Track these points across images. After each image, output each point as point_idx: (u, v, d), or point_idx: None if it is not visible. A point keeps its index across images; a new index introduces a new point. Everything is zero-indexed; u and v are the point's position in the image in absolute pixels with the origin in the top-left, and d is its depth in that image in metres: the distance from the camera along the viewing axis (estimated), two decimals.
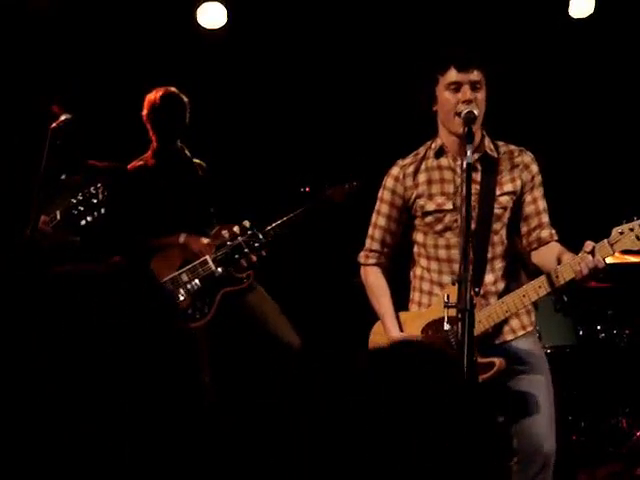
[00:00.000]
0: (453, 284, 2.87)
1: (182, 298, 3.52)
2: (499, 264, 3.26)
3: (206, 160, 4.80)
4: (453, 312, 2.87)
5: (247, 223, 3.39)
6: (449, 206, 3.23)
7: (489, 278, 3.23)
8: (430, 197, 3.26)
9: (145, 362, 1.43)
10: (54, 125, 3.45)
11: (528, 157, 3.32)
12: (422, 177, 3.28)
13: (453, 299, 2.87)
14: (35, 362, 1.29)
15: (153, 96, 4.58)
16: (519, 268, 3.35)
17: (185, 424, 1.44)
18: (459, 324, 2.76)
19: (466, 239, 2.90)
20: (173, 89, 4.60)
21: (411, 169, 3.31)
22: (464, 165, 3.07)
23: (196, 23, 5.49)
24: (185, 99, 4.59)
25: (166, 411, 1.41)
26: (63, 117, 3.50)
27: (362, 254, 3.45)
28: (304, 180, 5.09)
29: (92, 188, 3.26)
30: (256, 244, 3.40)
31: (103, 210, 3.25)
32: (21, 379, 1.31)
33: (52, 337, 1.32)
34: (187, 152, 4.70)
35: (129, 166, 4.67)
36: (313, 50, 5.65)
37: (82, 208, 3.24)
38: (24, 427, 1.32)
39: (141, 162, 4.67)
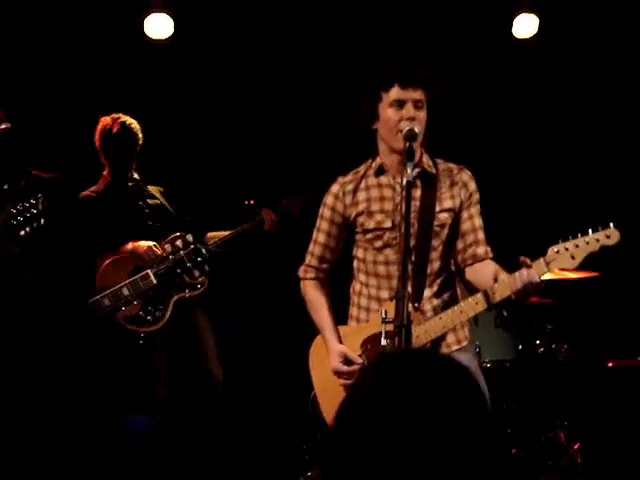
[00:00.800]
0: (391, 300, 2.90)
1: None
2: (437, 280, 3.30)
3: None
4: (391, 327, 2.89)
5: (190, 237, 3.39)
6: (388, 224, 3.25)
7: (427, 293, 3.25)
8: (370, 215, 3.28)
9: None
10: None
11: (466, 175, 3.36)
12: (362, 195, 3.30)
13: (391, 315, 2.89)
14: None
15: (107, 125, 4.53)
16: (456, 284, 3.38)
17: None
18: (396, 339, 2.79)
19: (404, 257, 2.94)
20: (127, 119, 4.54)
21: (351, 187, 3.32)
22: (404, 182, 3.10)
23: (143, 33, 5.48)
24: (137, 128, 4.54)
25: None
26: (3, 126, 3.46)
27: (302, 269, 3.46)
28: (249, 193, 5.11)
29: (32, 199, 3.22)
30: (198, 258, 3.39)
31: (42, 221, 3.21)
32: None
33: None
34: (136, 177, 4.66)
35: (81, 194, 4.62)
36: (259, 61, 5.67)
37: (21, 218, 3.19)
38: None
39: (91, 190, 4.63)
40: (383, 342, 2.99)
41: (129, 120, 4.54)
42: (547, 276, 4.79)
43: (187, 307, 4.52)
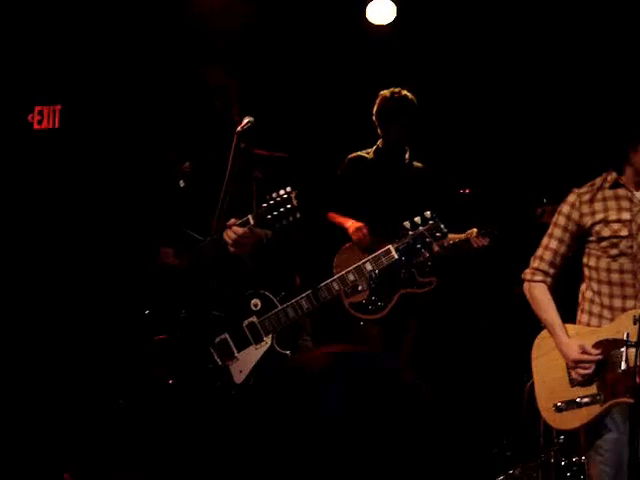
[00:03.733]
0: (635, 323, 2.87)
1: (360, 288, 3.55)
2: None
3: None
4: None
5: (428, 213, 3.38)
6: (624, 232, 3.38)
7: None
8: (606, 224, 3.40)
9: None
10: (239, 129, 3.52)
11: None
12: (598, 205, 3.45)
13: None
14: None
15: (385, 96, 4.89)
16: None
17: None
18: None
19: None
20: (405, 91, 4.87)
21: (587, 197, 3.48)
22: None
23: (365, 19, 5.56)
24: (415, 101, 4.85)
25: None
26: (246, 120, 3.56)
27: (528, 271, 3.59)
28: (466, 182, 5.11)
29: (284, 193, 3.30)
30: (437, 233, 3.38)
31: (299, 215, 3.30)
32: None
33: None
34: (407, 155, 4.96)
35: (351, 155, 4.98)
36: (483, 49, 5.58)
37: (276, 213, 3.27)
38: None
39: (363, 154, 5.01)
40: (623, 366, 3.00)
41: (405, 93, 4.88)
42: None
43: (413, 305, 4.65)
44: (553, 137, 5.52)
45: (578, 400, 3.25)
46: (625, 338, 2.94)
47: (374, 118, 4.92)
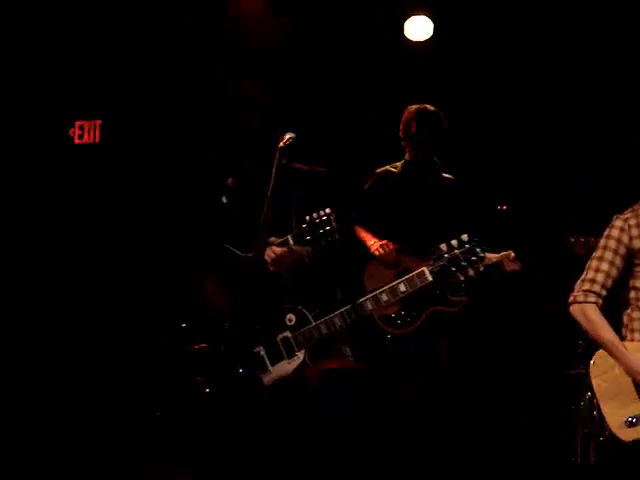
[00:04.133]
0: None
1: (385, 299, 3.50)
2: None
3: None
4: None
5: (465, 236, 3.36)
6: None
7: None
8: None
9: None
10: (281, 145, 3.56)
11: None
12: None
13: None
14: None
15: (409, 112, 4.84)
16: None
17: None
18: None
19: None
20: (430, 107, 4.82)
21: (634, 221, 3.62)
22: None
23: (403, 35, 5.59)
24: (441, 117, 4.80)
25: None
26: (288, 136, 3.60)
27: (580, 294, 3.63)
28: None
29: (322, 214, 3.30)
30: (473, 257, 3.35)
31: (337, 236, 3.33)
32: None
33: None
34: (437, 166, 4.92)
35: (378, 170, 4.94)
36: (522, 63, 5.58)
37: (316, 234, 3.28)
38: None
39: (390, 168, 4.97)
40: None
41: (430, 108, 4.83)
42: None
43: (443, 323, 4.63)
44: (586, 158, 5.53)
45: None
46: None
47: (400, 134, 4.91)
